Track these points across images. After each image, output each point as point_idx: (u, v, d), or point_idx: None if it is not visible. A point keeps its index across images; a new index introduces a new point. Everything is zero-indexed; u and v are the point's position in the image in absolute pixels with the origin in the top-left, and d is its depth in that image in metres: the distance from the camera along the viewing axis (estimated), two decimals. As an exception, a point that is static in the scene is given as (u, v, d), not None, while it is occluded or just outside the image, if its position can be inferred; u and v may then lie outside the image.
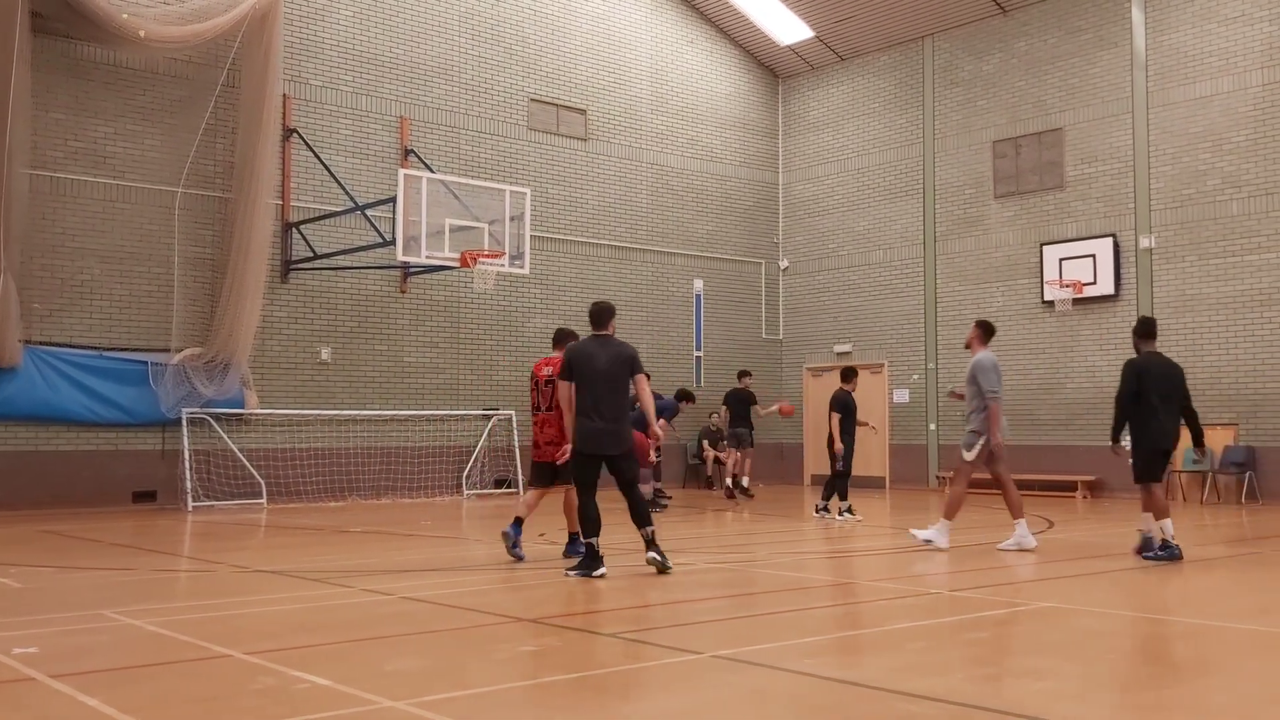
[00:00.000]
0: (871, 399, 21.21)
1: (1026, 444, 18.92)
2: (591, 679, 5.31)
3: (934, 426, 21.16)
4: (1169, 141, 18.38)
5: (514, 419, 19.43)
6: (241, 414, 16.89)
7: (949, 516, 10.83)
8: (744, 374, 19.29)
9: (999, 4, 20.47)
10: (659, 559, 8.89)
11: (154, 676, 5.43)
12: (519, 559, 9.68)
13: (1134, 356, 10.61)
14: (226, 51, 16.64)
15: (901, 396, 21.57)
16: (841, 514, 14.01)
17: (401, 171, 16.42)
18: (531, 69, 20.44)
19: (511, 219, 16.73)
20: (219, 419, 16.65)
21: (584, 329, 21.34)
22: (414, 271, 18.16)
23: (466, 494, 18.63)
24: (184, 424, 16.20)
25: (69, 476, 15.61)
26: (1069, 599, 8.08)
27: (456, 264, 16.16)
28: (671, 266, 22.14)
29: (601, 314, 9.25)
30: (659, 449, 15.36)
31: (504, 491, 19.07)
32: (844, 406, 14.06)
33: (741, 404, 18.71)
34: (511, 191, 16.93)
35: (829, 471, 14.24)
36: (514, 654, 5.92)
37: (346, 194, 17.10)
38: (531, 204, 17.41)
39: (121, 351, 16.07)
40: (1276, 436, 17.02)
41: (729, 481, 18.35)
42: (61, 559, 10.33)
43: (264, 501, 16.63)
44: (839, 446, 13.90)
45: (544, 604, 7.73)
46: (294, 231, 17.44)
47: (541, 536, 12.33)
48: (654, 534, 9.00)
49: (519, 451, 19.41)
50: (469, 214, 16.54)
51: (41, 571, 9.42)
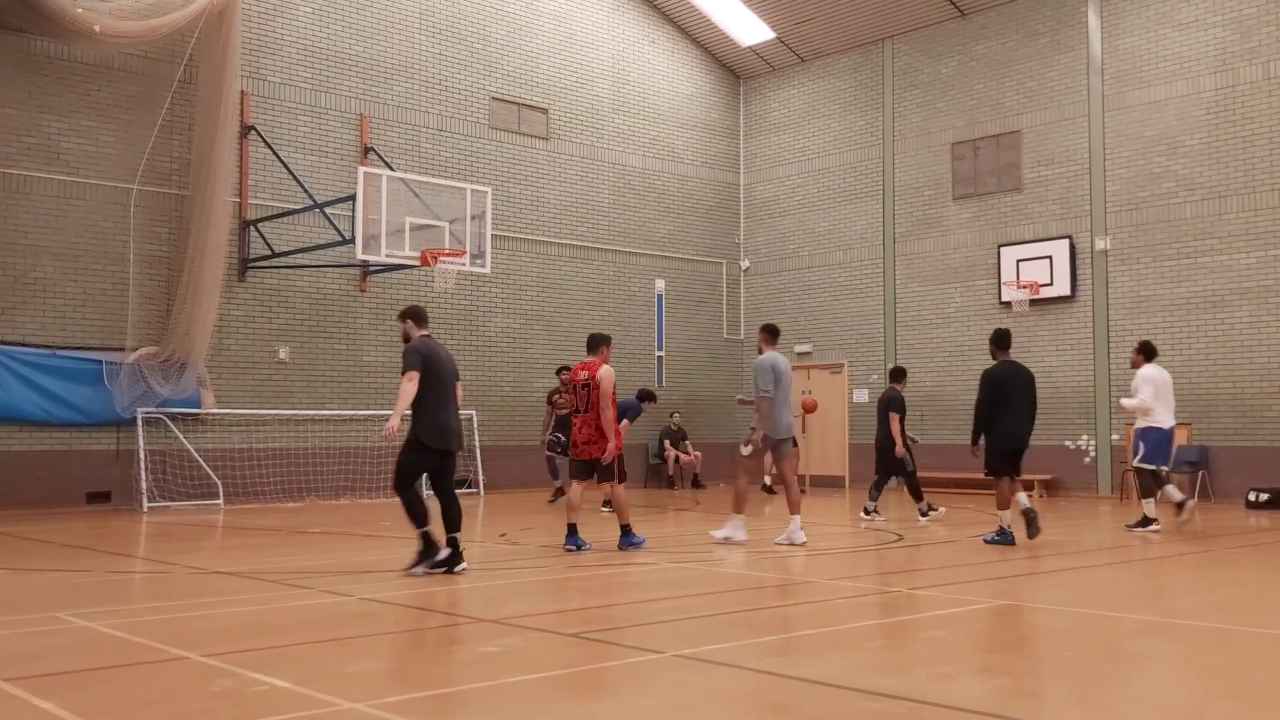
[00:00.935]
0: (831, 399, 21.32)
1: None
2: (554, 679, 5.30)
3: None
4: (1124, 145, 18.61)
5: (475, 419, 19.36)
6: (198, 414, 16.71)
7: (738, 510, 11.21)
8: None
9: (958, 7, 20.64)
10: (442, 564, 8.86)
11: (110, 679, 5.37)
12: (583, 548, 10.44)
13: (992, 365, 11.65)
14: (183, 47, 16.46)
15: (861, 396, 21.69)
16: (925, 514, 13.88)
17: (361, 169, 16.31)
18: (493, 67, 20.37)
19: (473, 218, 16.66)
20: (175, 419, 16.47)
21: (543, 328, 21.15)
22: (373, 270, 18.05)
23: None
24: (139, 424, 16.00)
25: (21, 477, 15.37)
26: (1025, 597, 8.17)
27: (417, 263, 16.07)
28: (633, 266, 22.15)
29: (418, 315, 9.41)
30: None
31: (464, 492, 18.98)
32: (901, 407, 14.25)
33: None
34: (472, 190, 16.85)
35: (875, 473, 14.36)
36: (476, 655, 5.90)
37: (305, 192, 16.97)
38: (493, 203, 17.34)
39: (75, 350, 15.86)
40: (1228, 436, 17.28)
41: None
42: (15, 561, 10.17)
43: (221, 502, 16.46)
44: (901, 449, 14.00)
45: (505, 604, 7.71)
46: (252, 229, 17.28)
47: (502, 537, 12.30)
48: (459, 541, 8.96)
49: (479, 452, 19.36)
50: (430, 212, 16.46)
51: (-7, 573, 9.28)
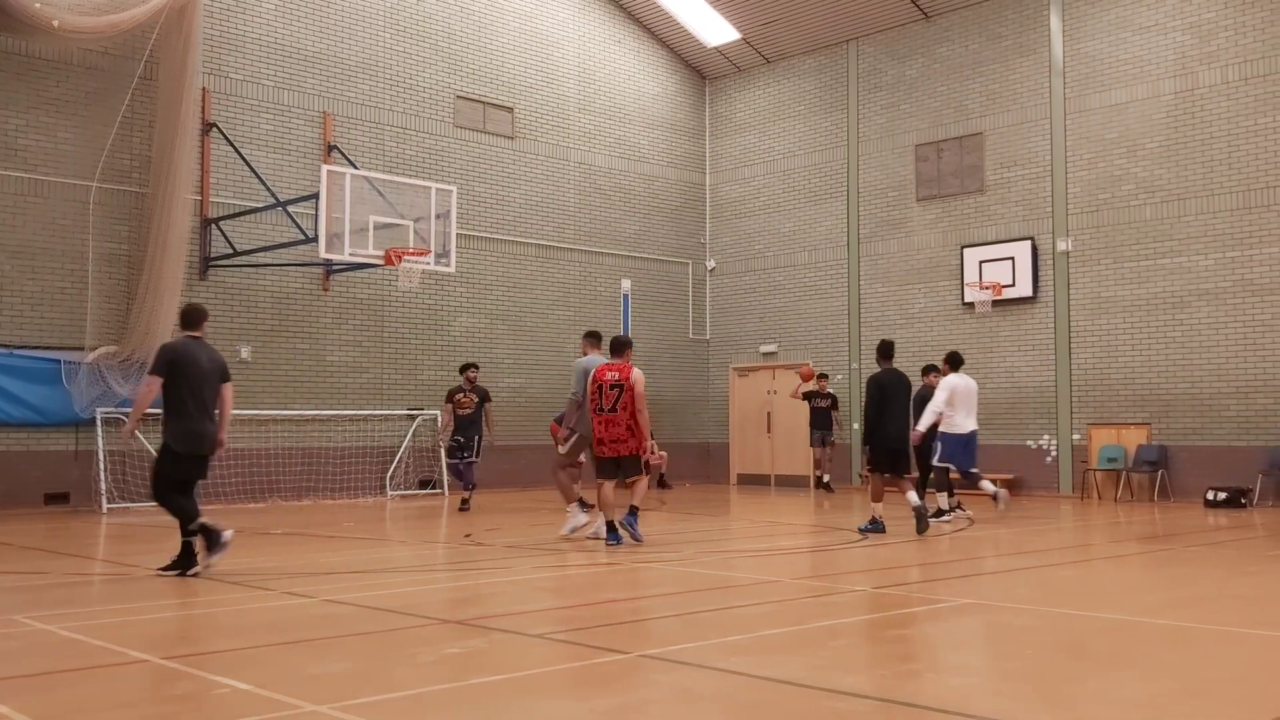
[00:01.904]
0: (796, 399, 21.36)
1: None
2: (519, 680, 5.28)
3: (857, 425, 21.40)
4: (1085, 147, 18.80)
5: (438, 419, 19.27)
6: (158, 414, 16.46)
7: (569, 501, 11.70)
8: (822, 376, 20.50)
9: (922, 9, 20.77)
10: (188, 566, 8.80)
11: (69, 683, 5.29)
12: (638, 540, 10.83)
13: (877, 371, 12.77)
14: (144, 43, 16.27)
15: (825, 396, 21.77)
16: (953, 509, 13.75)
17: (324, 167, 16.19)
18: (458, 66, 20.29)
19: (437, 217, 16.58)
20: (135, 419, 16.26)
21: (508, 328, 21.13)
22: (337, 269, 17.92)
23: (390, 495, 18.44)
24: (98, 424, 15.81)
25: (-23, 478, 15.15)
26: (988, 595, 8.22)
27: (381, 262, 15.97)
28: (599, 266, 22.13)
29: (187, 315, 9.38)
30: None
31: (428, 493, 18.91)
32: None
33: (821, 406, 20.37)
34: (437, 189, 16.77)
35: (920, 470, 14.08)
36: (440, 656, 5.87)
37: (268, 190, 16.83)
38: (458, 202, 17.27)
39: (33, 350, 15.64)
40: (1187, 436, 17.49)
41: (824, 478, 20.10)
42: (-31, 563, 10.01)
43: (182, 503, 16.27)
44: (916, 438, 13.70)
45: (470, 605, 7.67)
46: (213, 228, 17.11)
47: (467, 538, 12.25)
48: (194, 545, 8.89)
49: (443, 452, 19.25)
50: (394, 211, 16.37)
51: (-52, 576, 9.13)
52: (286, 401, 17.86)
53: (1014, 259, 19.31)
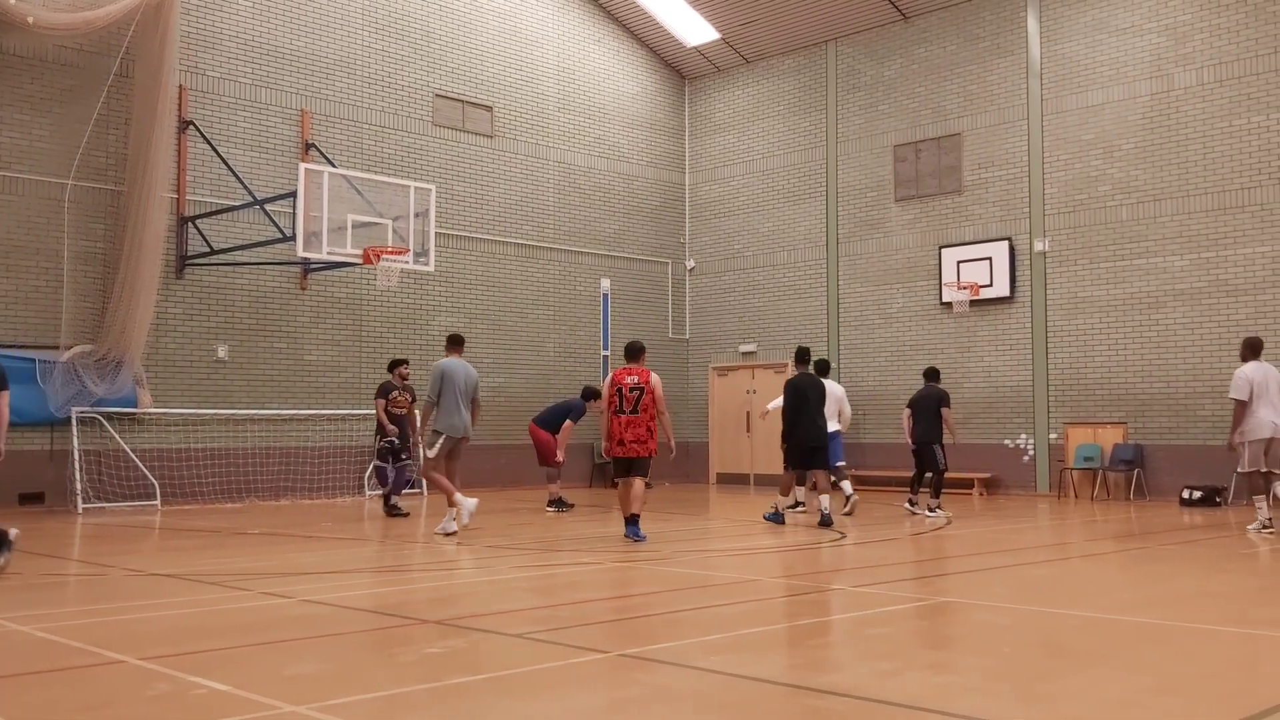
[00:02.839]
0: (774, 398, 21.39)
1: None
2: (498, 680, 5.27)
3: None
4: (1062, 148, 18.90)
5: (418, 419, 19.19)
6: (134, 413, 16.42)
7: (452, 504, 12.06)
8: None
9: (900, 10, 20.84)
10: None
11: (43, 684, 5.25)
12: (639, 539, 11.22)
13: (793, 376, 13.65)
14: (120, 40, 16.15)
15: (804, 396, 21.82)
16: (915, 505, 14.42)
17: (302, 166, 16.10)
18: (437, 64, 20.23)
19: (416, 215, 16.52)
20: (110, 418, 16.17)
21: (487, 327, 21.11)
22: (315, 268, 17.84)
23: (368, 495, 18.36)
24: (73, 423, 15.69)
25: (-50, 478, 15.01)
26: (966, 594, 8.26)
27: (359, 261, 15.90)
28: (578, 265, 22.11)
29: None
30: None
31: (406, 492, 18.81)
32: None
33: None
34: (416, 188, 16.70)
35: (919, 469, 14.67)
36: (419, 656, 5.85)
37: (245, 188, 16.73)
38: (437, 201, 17.22)
39: (7, 349, 15.47)
40: (1163, 435, 17.61)
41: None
42: (-58, 564, 9.90)
43: (158, 503, 16.19)
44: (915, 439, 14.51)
45: (450, 605, 7.65)
46: (190, 226, 17.00)
47: (447, 537, 12.22)
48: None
49: (423, 452, 19.19)
50: (372, 210, 16.30)
51: (-79, 577, 9.04)
52: (263, 401, 17.77)
53: (991, 259, 19.40)
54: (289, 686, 5.08)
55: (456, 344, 12.81)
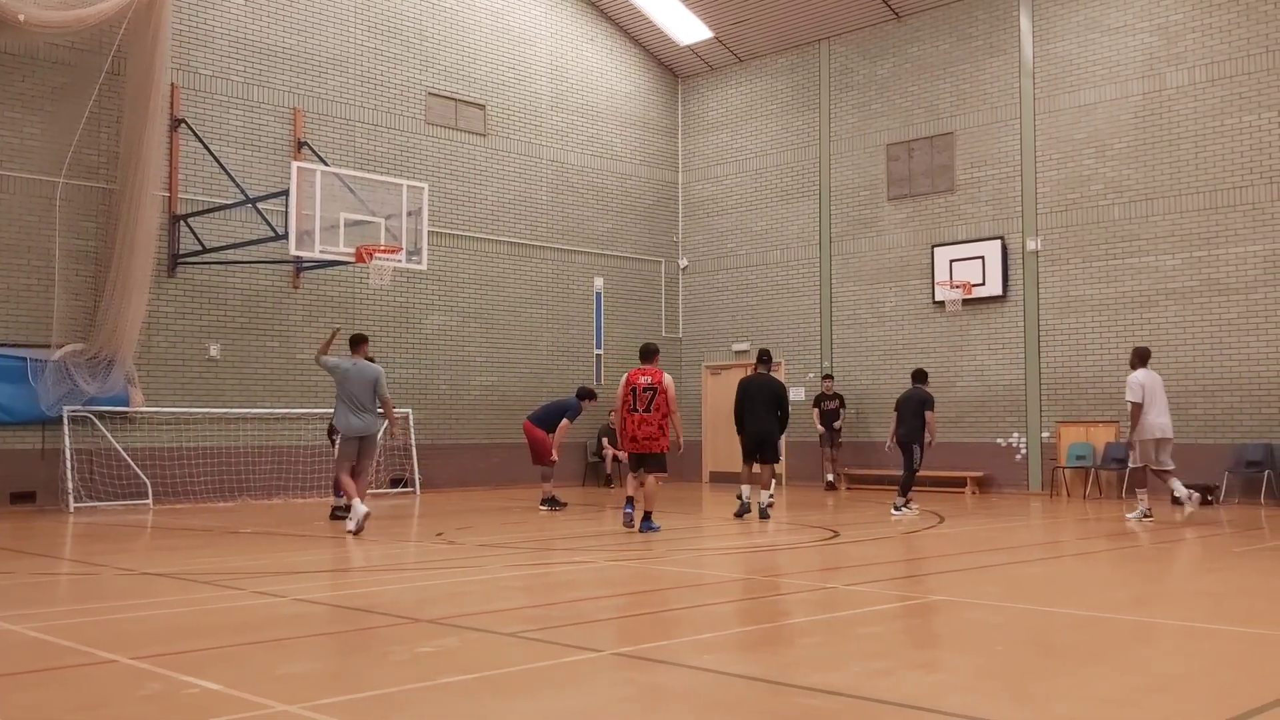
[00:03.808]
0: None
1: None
2: (491, 679, 5.26)
3: (816, 423, 21.48)
4: (1054, 147, 18.93)
5: (411, 417, 19.20)
6: (126, 412, 16.39)
7: (352, 498, 12.19)
8: (827, 377, 20.69)
9: (893, 9, 20.85)
10: None
11: (35, 684, 5.23)
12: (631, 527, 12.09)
13: (745, 375, 14.71)
14: (111, 38, 16.11)
15: (797, 395, 21.82)
16: (906, 507, 14.52)
17: (294, 164, 16.07)
18: (429, 63, 20.21)
19: (409, 214, 16.50)
20: (102, 417, 16.13)
21: (481, 326, 21.06)
22: (307, 266, 17.81)
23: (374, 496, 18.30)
24: (65, 422, 15.65)
25: (-59, 477, 14.98)
26: (959, 592, 8.27)
27: (351, 259, 15.88)
28: (571, 264, 22.10)
29: None
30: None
31: (400, 491, 18.82)
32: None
33: (829, 408, 20.55)
34: (409, 186, 16.68)
35: (901, 469, 14.80)
36: (411, 655, 5.84)
37: (237, 186, 16.70)
38: (429, 199, 17.20)
39: (-2, 347, 15.48)
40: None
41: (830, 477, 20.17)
42: (-67, 563, 9.89)
43: (150, 502, 16.16)
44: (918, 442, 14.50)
45: (442, 604, 7.64)
46: (182, 224, 16.97)
47: (439, 536, 12.22)
48: None
49: (415, 450, 19.20)
50: (365, 208, 16.28)
51: (-89, 576, 9.02)
52: (256, 399, 17.74)
53: (984, 258, 19.43)
54: (281, 686, 5.07)
55: (354, 345, 12.88)
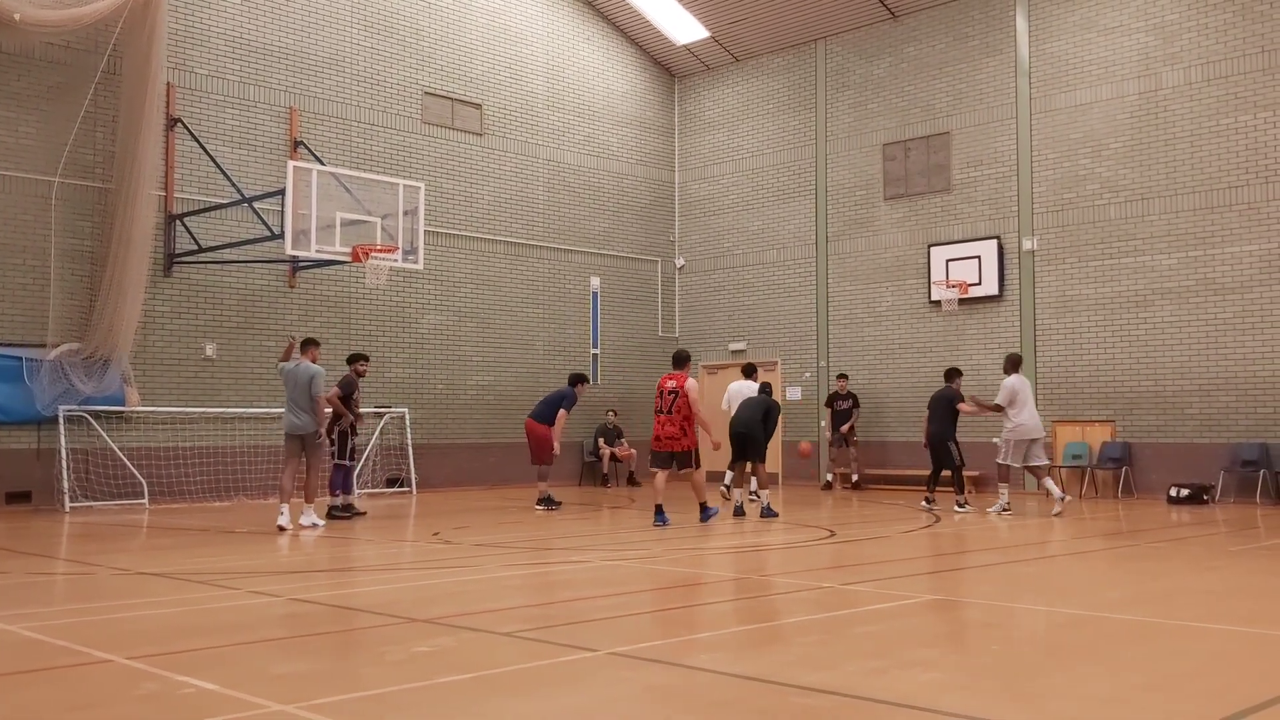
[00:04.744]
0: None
1: (913, 440, 19.30)
2: (487, 679, 5.26)
3: (825, 423, 21.49)
4: (1050, 147, 18.94)
5: (407, 417, 19.18)
6: (122, 411, 16.36)
7: (309, 500, 13.02)
8: (841, 376, 20.44)
9: (889, 9, 20.86)
10: None
11: (30, 684, 5.23)
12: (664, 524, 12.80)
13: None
14: (107, 37, 16.08)
15: (794, 394, 21.85)
16: (932, 504, 15.30)
17: (290, 163, 16.06)
18: (426, 62, 20.19)
19: (405, 213, 16.48)
20: (98, 417, 16.11)
21: (477, 325, 21.04)
22: (303, 266, 17.79)
23: (358, 493, 18.29)
24: (61, 422, 15.63)
25: (-64, 477, 14.95)
26: (955, 591, 8.28)
27: (348, 259, 15.87)
28: (568, 263, 22.09)
29: None
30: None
31: (396, 491, 18.81)
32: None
33: (843, 408, 20.40)
34: (405, 185, 16.66)
35: (936, 466, 15.39)
36: (408, 655, 5.84)
37: (233, 186, 16.68)
38: (426, 198, 17.18)
39: (-6, 346, 15.45)
40: (1151, 433, 17.67)
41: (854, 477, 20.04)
42: (-72, 563, 9.87)
43: (146, 502, 16.14)
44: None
45: (439, 604, 7.64)
46: (178, 224, 16.95)
47: (436, 535, 12.22)
48: None
49: (411, 450, 19.18)
50: (361, 208, 16.27)
51: (-94, 576, 9.00)
52: (252, 399, 17.72)
53: (980, 258, 19.44)
54: (277, 685, 5.07)
55: (303, 347, 13.28)
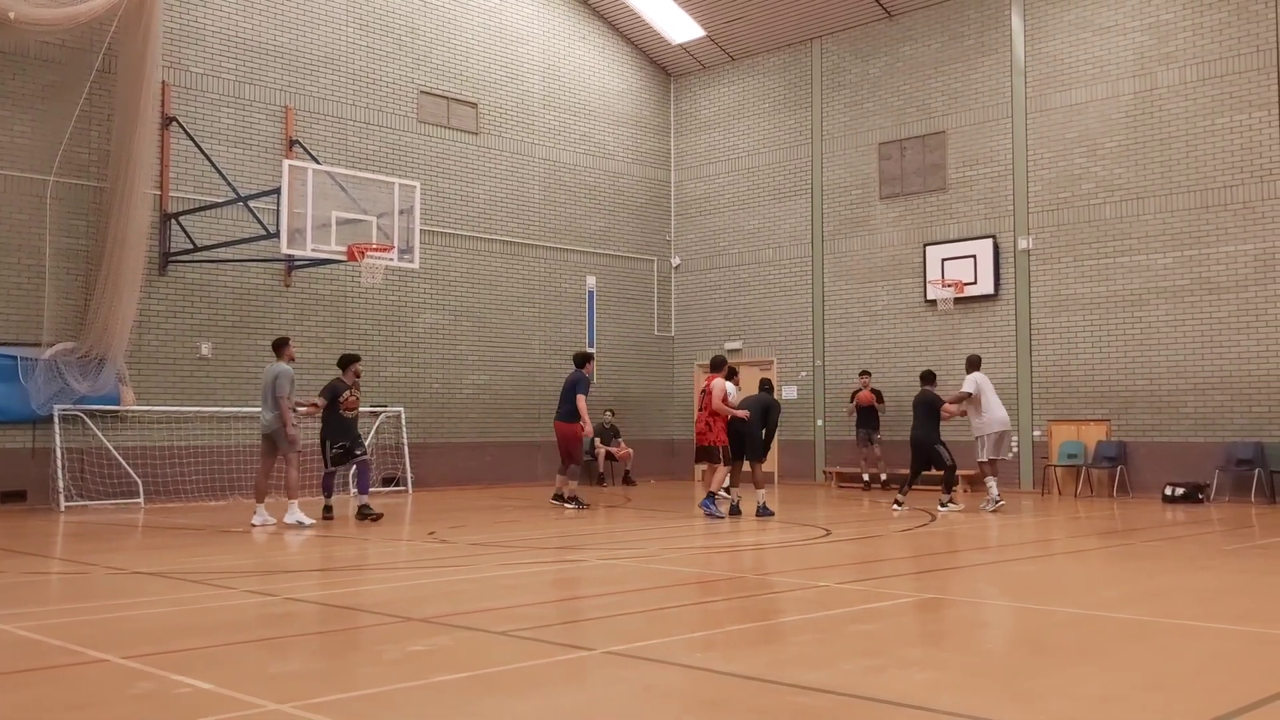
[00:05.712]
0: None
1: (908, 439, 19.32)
2: (483, 678, 5.26)
3: (821, 422, 21.51)
4: (1046, 146, 18.97)
5: (403, 415, 19.17)
6: (117, 410, 16.34)
7: (290, 497, 13.25)
8: (864, 373, 20.28)
9: (885, 8, 20.87)
10: None
11: (26, 683, 5.22)
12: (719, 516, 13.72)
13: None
14: (102, 35, 16.05)
15: (790, 393, 21.85)
16: (902, 506, 15.17)
17: (286, 162, 16.02)
18: (421, 61, 20.18)
19: (401, 212, 16.46)
20: (93, 416, 16.08)
21: (473, 324, 21.01)
22: (299, 265, 17.77)
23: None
24: (56, 421, 15.60)
25: (-69, 476, 14.92)
26: (951, 590, 8.29)
27: (343, 257, 15.85)
28: (564, 263, 22.08)
29: None
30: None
31: (392, 490, 18.79)
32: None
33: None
34: (400, 184, 16.64)
35: (915, 469, 15.35)
36: (404, 654, 5.83)
37: (229, 184, 16.66)
38: (421, 197, 17.15)
39: (-11, 346, 15.42)
40: (1146, 432, 17.69)
41: (866, 476, 20.02)
42: (-77, 562, 9.86)
43: (141, 501, 16.12)
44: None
45: (435, 603, 7.63)
46: (173, 223, 16.92)
47: (431, 534, 12.21)
48: None
49: (407, 449, 19.17)
50: (356, 207, 16.25)
51: (-99, 576, 8.99)
52: (247, 398, 17.68)
53: (976, 257, 19.46)
54: (273, 685, 5.06)
55: (286, 345, 13.67)
